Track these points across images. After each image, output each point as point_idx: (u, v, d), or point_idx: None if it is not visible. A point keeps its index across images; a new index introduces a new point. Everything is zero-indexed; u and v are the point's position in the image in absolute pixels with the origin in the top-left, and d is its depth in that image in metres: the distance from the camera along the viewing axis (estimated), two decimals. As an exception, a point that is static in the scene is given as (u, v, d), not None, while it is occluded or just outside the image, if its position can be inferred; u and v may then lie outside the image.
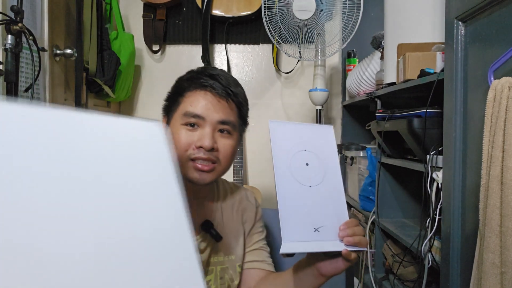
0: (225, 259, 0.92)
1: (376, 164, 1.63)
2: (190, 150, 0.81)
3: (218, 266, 0.91)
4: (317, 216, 0.71)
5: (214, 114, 0.82)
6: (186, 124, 0.82)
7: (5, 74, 1.17)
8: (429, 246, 1.16)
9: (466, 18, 0.97)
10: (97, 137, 0.39)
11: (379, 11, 1.76)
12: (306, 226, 0.70)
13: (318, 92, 1.98)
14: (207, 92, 0.82)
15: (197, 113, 0.81)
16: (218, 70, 0.86)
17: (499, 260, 0.75)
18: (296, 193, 0.71)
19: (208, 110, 0.82)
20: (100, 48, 1.93)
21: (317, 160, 0.74)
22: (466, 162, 0.98)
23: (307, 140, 0.74)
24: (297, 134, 0.75)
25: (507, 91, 0.74)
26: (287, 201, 0.70)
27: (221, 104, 0.83)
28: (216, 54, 2.45)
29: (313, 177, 0.73)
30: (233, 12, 2.29)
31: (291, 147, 0.73)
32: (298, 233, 0.69)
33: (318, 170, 0.73)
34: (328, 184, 0.73)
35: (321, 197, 0.72)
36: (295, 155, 0.73)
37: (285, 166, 0.72)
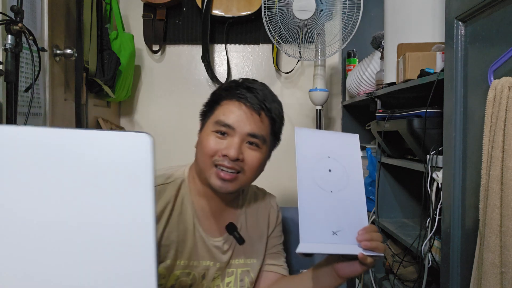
0: (247, 262, 0.93)
1: (376, 164, 1.63)
2: (215, 157, 0.83)
3: (239, 268, 0.92)
4: (336, 220, 0.74)
5: (245, 126, 0.84)
6: (216, 131, 0.84)
7: (5, 74, 1.17)
8: (429, 246, 1.16)
9: (466, 18, 0.97)
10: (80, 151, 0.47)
11: (379, 11, 1.76)
12: (324, 229, 0.73)
13: (318, 92, 1.98)
14: (242, 104, 0.84)
15: (228, 122, 0.83)
16: (258, 84, 0.88)
17: (499, 260, 0.75)
18: (316, 198, 0.74)
19: (240, 122, 0.83)
20: (100, 48, 1.93)
21: (340, 167, 0.76)
22: (466, 162, 0.98)
23: (331, 147, 0.77)
24: (322, 141, 0.77)
25: (507, 91, 0.74)
26: (307, 204, 0.73)
27: (253, 117, 0.84)
28: (216, 54, 2.45)
29: (335, 183, 0.75)
30: (233, 12, 2.29)
31: (315, 153, 0.76)
32: (316, 235, 0.72)
33: (341, 177, 0.76)
34: (350, 190, 0.75)
35: (341, 202, 0.75)
36: (319, 161, 0.76)
37: (308, 172, 0.74)
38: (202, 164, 0.86)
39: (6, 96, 1.19)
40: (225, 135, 0.84)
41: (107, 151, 0.47)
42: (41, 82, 1.45)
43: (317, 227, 0.73)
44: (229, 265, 0.91)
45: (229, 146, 0.83)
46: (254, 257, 0.95)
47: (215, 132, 0.85)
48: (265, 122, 0.87)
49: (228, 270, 0.91)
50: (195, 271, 0.88)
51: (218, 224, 0.92)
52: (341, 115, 2.39)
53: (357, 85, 1.92)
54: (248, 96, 0.84)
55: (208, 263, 0.89)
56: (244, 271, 0.93)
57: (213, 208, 0.92)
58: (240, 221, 0.95)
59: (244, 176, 0.86)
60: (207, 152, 0.84)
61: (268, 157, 0.92)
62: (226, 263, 0.91)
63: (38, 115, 1.44)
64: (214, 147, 0.84)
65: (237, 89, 0.86)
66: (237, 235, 0.91)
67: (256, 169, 0.87)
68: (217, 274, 0.90)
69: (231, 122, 0.83)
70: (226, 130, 0.84)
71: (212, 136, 0.84)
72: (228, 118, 0.84)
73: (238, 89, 0.86)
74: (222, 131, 0.84)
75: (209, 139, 0.84)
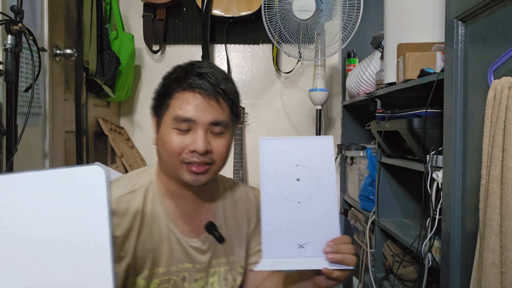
0: (229, 259, 0.91)
1: (376, 164, 1.63)
2: (183, 155, 0.79)
3: (222, 267, 0.90)
4: (304, 232, 0.70)
5: (205, 115, 0.79)
6: (177, 128, 0.79)
7: (5, 74, 1.17)
8: (429, 246, 1.16)
9: (466, 18, 0.97)
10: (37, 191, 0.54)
11: (379, 11, 1.76)
12: (289, 243, 0.70)
13: (318, 92, 1.98)
14: (196, 93, 0.79)
15: (187, 116, 0.78)
16: (206, 67, 0.82)
17: (499, 260, 0.75)
18: (282, 210, 0.70)
19: (199, 113, 0.79)
20: (100, 48, 1.93)
21: (309, 175, 0.72)
22: (466, 162, 0.98)
23: (301, 154, 0.72)
24: (289, 149, 0.73)
25: (507, 91, 0.74)
26: (271, 218, 0.70)
27: (212, 104, 0.80)
28: (216, 54, 2.45)
29: (303, 192, 0.71)
30: (233, 12, 2.29)
31: (281, 163, 0.72)
32: (280, 250, 0.70)
33: (310, 185, 0.71)
34: (320, 199, 0.71)
35: (310, 213, 0.71)
36: (285, 171, 0.72)
37: (273, 183, 0.71)
38: (170, 164, 0.82)
39: (6, 96, 1.19)
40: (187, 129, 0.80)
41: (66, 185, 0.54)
42: (41, 82, 1.45)
43: (282, 241, 0.70)
44: (211, 265, 0.89)
45: (194, 141, 0.78)
46: (235, 254, 0.92)
47: (175, 129, 0.79)
48: (224, 106, 0.82)
49: (211, 270, 0.88)
50: (175, 275, 0.85)
51: (195, 224, 0.89)
52: (341, 115, 2.39)
53: (357, 85, 1.92)
54: (200, 83, 0.79)
55: (187, 266, 0.86)
56: (227, 270, 0.90)
57: (187, 208, 0.88)
58: (218, 218, 0.91)
59: (216, 166, 0.83)
60: (172, 151, 0.79)
61: (233, 138, 0.88)
62: (207, 264, 0.88)
63: (38, 115, 1.44)
64: (179, 145, 0.79)
65: (187, 77, 0.80)
66: (217, 234, 0.88)
67: (226, 156, 0.84)
68: (199, 275, 0.87)
69: (190, 115, 0.78)
70: (187, 124, 0.79)
71: (174, 133, 0.79)
72: (186, 112, 0.78)
73: (188, 77, 0.80)
74: (183, 127, 0.79)
75: (172, 137, 0.79)
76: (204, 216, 0.90)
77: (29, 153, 1.38)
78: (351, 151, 2.01)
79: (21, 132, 1.19)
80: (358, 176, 1.98)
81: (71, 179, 0.54)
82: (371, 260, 1.68)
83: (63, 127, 1.66)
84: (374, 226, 1.65)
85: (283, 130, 2.44)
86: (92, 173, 0.54)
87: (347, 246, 0.70)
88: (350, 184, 2.19)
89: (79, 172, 0.55)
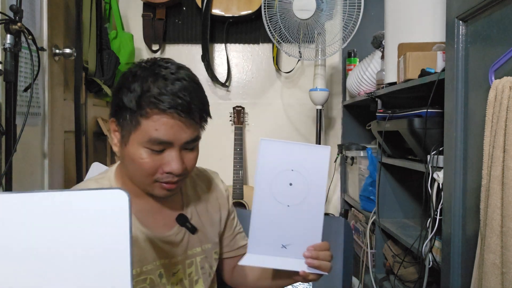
0: (203, 248, 0.92)
1: (376, 164, 1.63)
2: (157, 175, 0.77)
3: (198, 257, 0.91)
4: (288, 234, 0.75)
5: (181, 136, 0.76)
6: (150, 148, 0.76)
7: (4, 73, 1.17)
8: (429, 247, 1.15)
9: (466, 17, 0.96)
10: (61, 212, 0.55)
11: (379, 10, 1.75)
12: (274, 242, 0.75)
13: (318, 92, 1.97)
14: (174, 115, 0.74)
15: (164, 139, 0.75)
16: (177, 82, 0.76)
17: (499, 261, 0.75)
18: (271, 211, 0.74)
19: (175, 134, 0.75)
20: (100, 48, 1.93)
21: (302, 181, 0.75)
22: (467, 162, 0.97)
23: (297, 160, 0.75)
24: (287, 154, 0.75)
25: (508, 91, 0.74)
26: (260, 217, 0.74)
27: (187, 124, 0.76)
28: (216, 53, 2.45)
29: (294, 196, 0.75)
30: (233, 11, 2.28)
31: (277, 166, 0.75)
32: (264, 248, 0.75)
33: (301, 191, 0.75)
34: (308, 205, 0.75)
35: (297, 217, 0.75)
36: (280, 174, 0.75)
37: (266, 184, 0.74)
38: (140, 181, 0.80)
39: (5, 95, 1.19)
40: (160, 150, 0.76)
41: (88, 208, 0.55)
42: (40, 81, 1.45)
43: (267, 240, 0.75)
44: (187, 256, 0.89)
45: (170, 162, 0.76)
46: (208, 241, 0.93)
47: (147, 148, 0.75)
48: (198, 121, 0.79)
49: (187, 262, 0.89)
50: (152, 274, 0.85)
51: (165, 218, 0.88)
52: (341, 115, 2.39)
53: (357, 85, 1.91)
54: (176, 104, 0.74)
55: (163, 261, 0.86)
56: (203, 258, 0.91)
57: (154, 205, 0.87)
58: (189, 209, 0.91)
59: (185, 177, 0.82)
60: (145, 172, 0.77)
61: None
62: (183, 256, 0.89)
63: (37, 114, 1.44)
64: (152, 166, 0.76)
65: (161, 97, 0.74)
66: (189, 225, 0.87)
67: (195, 165, 0.84)
68: (176, 269, 0.88)
69: (167, 138, 0.75)
70: (163, 147, 0.76)
71: (146, 152, 0.76)
72: (163, 135, 0.74)
73: (162, 98, 0.74)
74: (157, 148, 0.75)
75: (144, 157, 0.75)
76: (173, 209, 0.89)
77: (28, 153, 1.37)
78: (351, 151, 2.01)
79: (20, 132, 1.19)
80: (359, 176, 1.98)
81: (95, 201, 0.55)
82: (371, 261, 1.67)
83: (62, 127, 1.65)
84: (374, 227, 1.65)
85: (283, 130, 2.44)
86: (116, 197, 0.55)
87: (325, 253, 0.75)
88: (351, 184, 2.19)
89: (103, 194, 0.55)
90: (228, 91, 2.47)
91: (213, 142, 2.36)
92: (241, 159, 2.27)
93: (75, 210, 0.55)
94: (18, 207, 0.54)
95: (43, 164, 1.47)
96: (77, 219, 0.55)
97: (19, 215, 0.54)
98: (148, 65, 0.79)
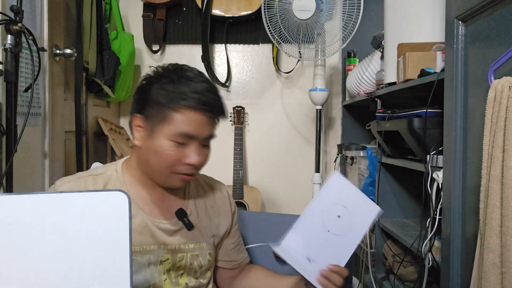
0: (196, 246, 0.94)
1: (376, 164, 1.63)
2: (178, 166, 0.84)
3: (189, 253, 0.93)
4: (317, 252, 0.86)
5: (204, 131, 0.85)
6: (175, 140, 0.83)
7: (4, 74, 1.17)
8: (429, 246, 1.16)
9: (466, 18, 0.96)
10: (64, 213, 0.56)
11: (379, 10, 1.76)
12: (303, 251, 0.86)
13: (318, 92, 1.98)
14: (202, 112, 0.84)
15: (191, 133, 0.83)
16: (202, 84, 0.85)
17: (499, 260, 0.75)
18: (314, 227, 0.87)
19: (200, 129, 0.84)
20: (100, 48, 1.93)
21: (349, 218, 0.87)
22: (466, 162, 0.97)
23: (353, 202, 0.88)
24: (349, 192, 0.89)
25: (508, 91, 0.74)
26: (303, 226, 0.86)
27: (209, 121, 0.86)
28: (216, 54, 2.45)
29: (336, 227, 0.87)
30: (233, 12, 2.29)
31: (336, 197, 0.88)
32: (294, 249, 0.85)
33: (345, 225, 0.87)
34: (345, 239, 0.87)
35: (331, 243, 0.86)
36: (335, 205, 0.88)
37: (321, 207, 0.87)
38: (158, 171, 0.86)
39: (6, 96, 1.19)
40: (183, 142, 0.84)
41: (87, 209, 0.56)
42: (40, 82, 1.45)
43: (299, 246, 0.85)
44: (179, 250, 0.92)
45: (192, 155, 0.84)
46: (203, 241, 0.96)
47: (173, 141, 0.83)
48: (217, 118, 0.89)
49: (179, 255, 0.92)
50: (138, 256, 0.88)
51: (164, 209, 0.92)
52: (341, 115, 2.39)
53: (357, 85, 1.92)
54: (206, 101, 0.83)
55: (152, 247, 0.89)
56: (194, 255, 0.94)
57: (154, 196, 0.92)
58: (189, 206, 0.96)
59: (199, 170, 0.90)
60: (167, 163, 0.84)
61: None
62: (175, 247, 0.91)
63: (37, 115, 1.44)
64: (176, 157, 0.83)
65: (191, 95, 0.83)
66: (186, 220, 0.92)
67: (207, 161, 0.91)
68: (164, 257, 0.90)
69: (194, 132, 0.83)
70: (186, 139, 0.84)
71: (171, 144, 0.83)
72: (191, 129, 0.83)
73: (192, 95, 0.83)
74: (181, 140, 0.83)
75: (169, 149, 0.83)
76: (174, 203, 0.94)
77: (28, 153, 1.38)
78: (351, 151, 2.01)
79: (20, 132, 1.19)
80: (358, 176, 1.98)
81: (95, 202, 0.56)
82: (371, 260, 1.68)
83: (62, 127, 1.66)
84: (374, 226, 1.65)
85: (283, 130, 2.44)
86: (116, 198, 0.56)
87: (337, 277, 0.83)
88: (350, 184, 2.18)
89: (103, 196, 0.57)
90: (228, 91, 2.47)
91: (213, 142, 2.35)
92: (241, 159, 2.27)
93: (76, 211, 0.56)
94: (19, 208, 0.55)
95: (43, 164, 1.48)
96: (77, 219, 0.56)
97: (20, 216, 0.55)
98: (173, 68, 0.88)
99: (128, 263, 0.56)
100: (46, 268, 0.55)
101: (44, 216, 0.55)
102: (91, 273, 0.56)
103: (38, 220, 0.55)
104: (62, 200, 0.56)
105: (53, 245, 0.55)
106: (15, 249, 0.54)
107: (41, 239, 0.55)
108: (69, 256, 0.55)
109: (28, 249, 0.55)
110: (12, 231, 0.54)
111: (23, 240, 0.55)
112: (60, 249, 0.55)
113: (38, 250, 0.55)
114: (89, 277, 0.56)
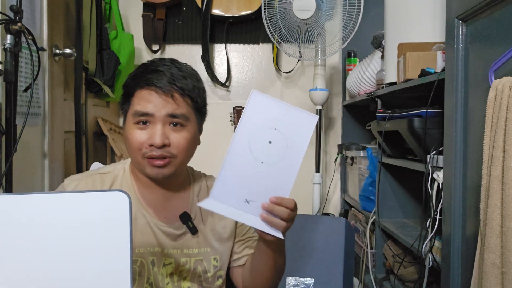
0: (200, 251, 0.93)
1: (376, 164, 1.63)
2: (143, 149, 0.83)
3: (193, 258, 0.92)
4: (254, 190, 0.74)
5: (162, 109, 0.83)
6: (137, 122, 0.84)
7: (4, 74, 1.17)
8: (429, 247, 1.15)
9: (466, 17, 0.96)
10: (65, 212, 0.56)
11: (379, 10, 1.76)
12: (238, 195, 0.74)
13: (318, 91, 1.97)
14: (152, 91, 0.83)
15: (145, 111, 0.83)
16: (166, 64, 0.86)
17: (499, 260, 0.75)
18: (243, 164, 0.73)
19: (155, 106, 0.83)
20: (100, 48, 1.93)
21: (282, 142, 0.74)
22: (466, 162, 0.97)
23: (283, 120, 0.74)
24: (275, 111, 0.74)
25: (508, 91, 0.74)
26: (231, 166, 0.73)
27: (167, 101, 0.84)
28: (216, 53, 2.45)
29: (270, 155, 0.73)
30: (233, 11, 2.28)
31: (261, 120, 0.73)
32: (227, 198, 0.74)
33: (278, 151, 0.73)
34: (282, 167, 0.73)
35: (267, 176, 0.73)
36: (262, 129, 0.73)
37: (246, 136, 0.73)
38: (133, 158, 0.87)
39: (5, 96, 1.19)
40: (146, 124, 0.84)
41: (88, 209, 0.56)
42: (40, 82, 1.45)
43: (232, 191, 0.73)
44: (183, 254, 0.91)
45: (152, 135, 0.83)
46: (208, 246, 0.94)
47: (136, 124, 0.84)
48: (181, 101, 0.85)
49: (182, 259, 0.91)
50: (143, 257, 0.88)
51: (168, 213, 0.92)
52: (341, 115, 2.39)
53: (357, 85, 1.91)
54: (156, 81, 0.83)
55: (156, 249, 0.89)
56: (198, 260, 0.93)
57: (159, 198, 0.92)
58: (194, 210, 0.94)
59: (177, 159, 0.86)
60: (134, 146, 0.84)
61: (199, 131, 0.92)
62: (177, 251, 0.91)
63: (37, 115, 1.44)
64: (139, 139, 0.83)
65: (143, 75, 0.85)
66: (190, 224, 0.91)
67: (186, 149, 0.86)
68: (168, 261, 0.90)
69: (148, 109, 0.83)
70: (146, 118, 0.83)
71: (135, 128, 0.84)
72: (144, 107, 0.83)
73: (144, 75, 0.85)
74: (142, 120, 0.83)
75: (133, 133, 0.84)
76: (178, 207, 0.93)
77: (28, 153, 1.38)
78: (351, 151, 2.01)
79: (20, 132, 1.19)
80: (359, 176, 1.98)
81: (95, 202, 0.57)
82: (371, 261, 1.67)
83: (62, 127, 1.65)
84: (374, 227, 1.65)
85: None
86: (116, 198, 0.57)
87: (281, 209, 0.73)
88: (351, 184, 2.19)
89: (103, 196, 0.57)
90: (228, 91, 2.46)
91: (213, 142, 2.35)
92: (241, 159, 2.26)
93: (76, 211, 0.56)
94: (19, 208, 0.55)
95: (43, 164, 1.47)
96: (78, 219, 0.56)
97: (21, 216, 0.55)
98: (153, 60, 0.89)
99: (129, 263, 0.56)
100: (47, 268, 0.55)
101: (45, 216, 0.55)
102: (91, 272, 0.56)
103: (38, 220, 0.55)
104: (62, 200, 0.56)
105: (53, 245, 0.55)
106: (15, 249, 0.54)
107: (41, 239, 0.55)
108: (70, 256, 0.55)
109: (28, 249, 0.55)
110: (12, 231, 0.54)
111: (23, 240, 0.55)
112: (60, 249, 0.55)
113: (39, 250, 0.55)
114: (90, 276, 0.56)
